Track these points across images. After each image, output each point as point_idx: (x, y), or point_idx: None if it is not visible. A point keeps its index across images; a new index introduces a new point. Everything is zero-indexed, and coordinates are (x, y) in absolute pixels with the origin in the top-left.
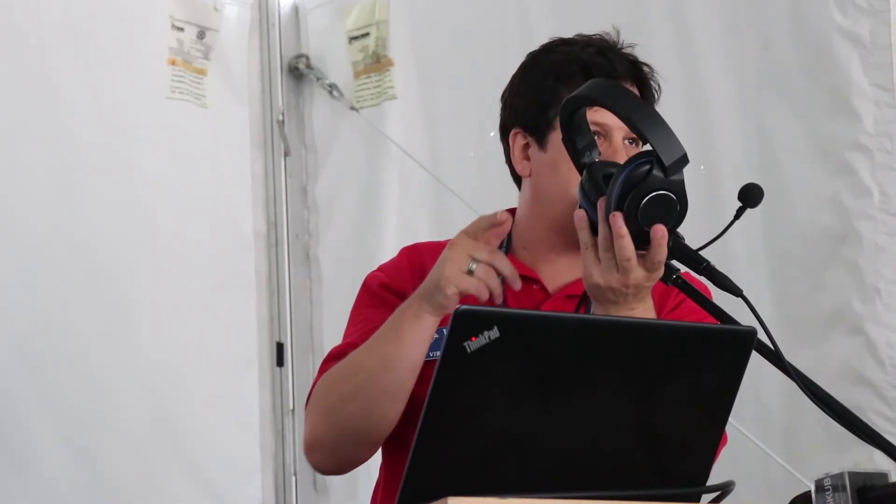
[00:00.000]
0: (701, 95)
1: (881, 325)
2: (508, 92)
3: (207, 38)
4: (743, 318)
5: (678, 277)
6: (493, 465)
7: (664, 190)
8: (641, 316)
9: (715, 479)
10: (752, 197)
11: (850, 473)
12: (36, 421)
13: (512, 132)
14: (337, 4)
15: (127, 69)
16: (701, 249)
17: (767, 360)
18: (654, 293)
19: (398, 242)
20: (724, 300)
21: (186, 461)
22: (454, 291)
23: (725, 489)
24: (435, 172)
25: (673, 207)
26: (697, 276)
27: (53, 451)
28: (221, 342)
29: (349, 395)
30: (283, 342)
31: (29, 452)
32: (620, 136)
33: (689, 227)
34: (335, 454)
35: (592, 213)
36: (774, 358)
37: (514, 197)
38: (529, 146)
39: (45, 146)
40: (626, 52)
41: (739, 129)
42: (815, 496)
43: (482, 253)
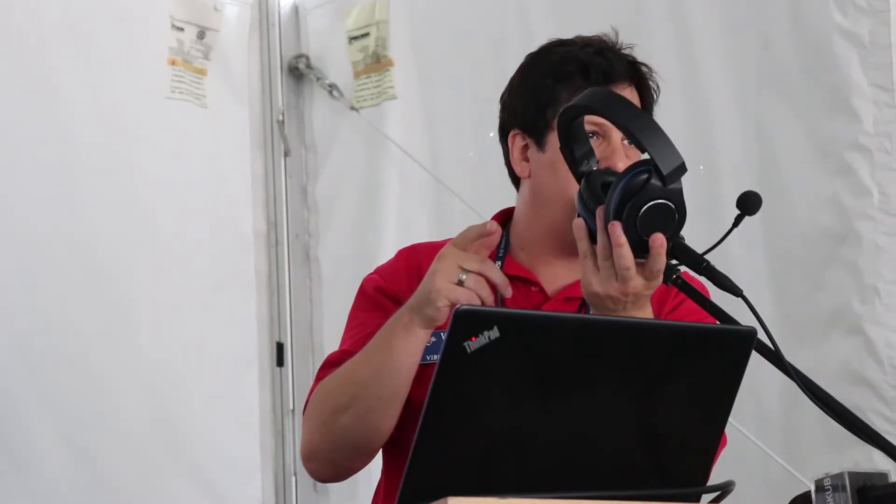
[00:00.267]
0: (701, 95)
1: (881, 325)
2: (507, 93)
3: (207, 38)
4: (743, 318)
5: (678, 277)
6: (493, 465)
7: (663, 199)
8: None
9: (715, 479)
10: (750, 204)
11: (849, 473)
12: (36, 421)
13: (511, 133)
14: (337, 4)
15: (127, 69)
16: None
17: (767, 360)
18: (652, 294)
19: (398, 242)
20: (724, 300)
21: (186, 461)
22: (445, 304)
23: (725, 489)
24: (435, 172)
25: (671, 216)
26: (697, 275)
27: (53, 451)
28: (221, 342)
29: (342, 406)
30: (283, 342)
31: (29, 452)
32: (619, 135)
33: (689, 227)
34: (331, 463)
35: (591, 221)
36: (774, 358)
37: (513, 197)
38: (528, 147)
39: (45, 146)
40: (624, 52)
41: (739, 129)
42: (814, 496)
43: (472, 263)
